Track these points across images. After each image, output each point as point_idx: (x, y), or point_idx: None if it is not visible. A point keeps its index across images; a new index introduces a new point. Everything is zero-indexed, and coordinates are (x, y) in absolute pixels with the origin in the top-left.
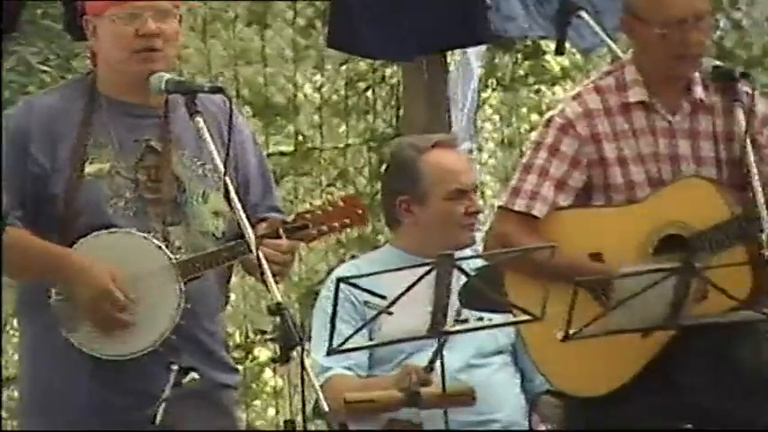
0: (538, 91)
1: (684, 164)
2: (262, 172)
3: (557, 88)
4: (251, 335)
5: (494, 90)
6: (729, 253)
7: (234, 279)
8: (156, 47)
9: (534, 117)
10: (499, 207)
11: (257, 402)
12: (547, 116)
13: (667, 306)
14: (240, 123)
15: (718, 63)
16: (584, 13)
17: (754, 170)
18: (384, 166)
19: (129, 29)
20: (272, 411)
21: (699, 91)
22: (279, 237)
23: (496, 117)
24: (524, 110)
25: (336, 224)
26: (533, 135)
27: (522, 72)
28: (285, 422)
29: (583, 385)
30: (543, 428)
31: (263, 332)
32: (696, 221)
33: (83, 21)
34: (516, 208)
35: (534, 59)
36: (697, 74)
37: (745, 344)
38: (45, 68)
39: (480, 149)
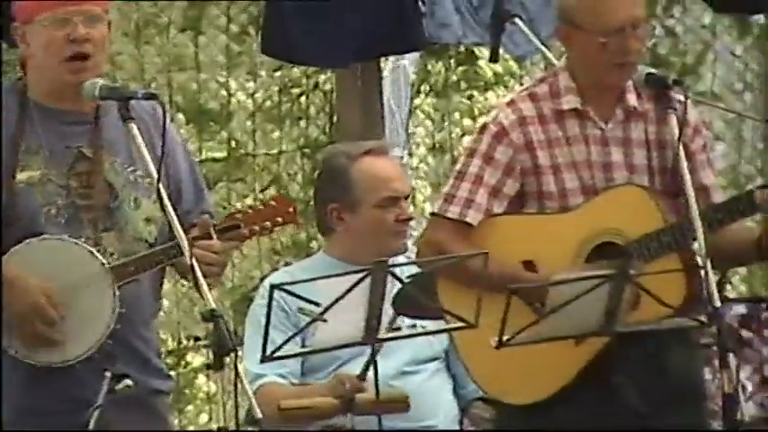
0: (470, 97)
1: (617, 171)
2: (193, 178)
3: (489, 94)
4: (184, 341)
5: (426, 95)
6: (663, 260)
7: (166, 285)
8: (87, 52)
9: (467, 122)
10: (432, 214)
11: (190, 408)
12: (481, 123)
13: (601, 313)
14: (170, 130)
15: (651, 70)
16: (518, 21)
17: (687, 177)
18: (317, 174)
19: (59, 34)
20: (204, 417)
21: (632, 98)
22: (211, 238)
23: (428, 122)
24: (457, 115)
25: (268, 223)
26: (467, 142)
27: (455, 78)
28: (218, 429)
29: (516, 392)
30: None
31: (197, 338)
32: (630, 229)
33: (12, 28)
34: (450, 215)
35: (467, 65)
36: (630, 81)
37: (678, 351)
38: None
39: (411, 155)
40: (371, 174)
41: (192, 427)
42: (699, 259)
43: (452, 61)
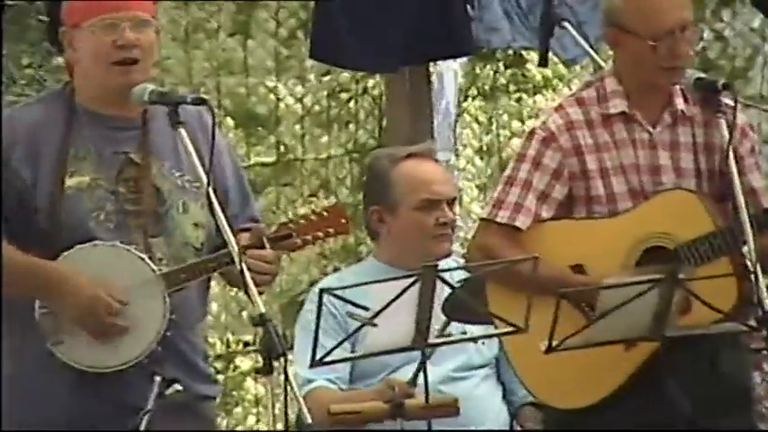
0: (519, 99)
1: (665, 175)
2: (240, 183)
3: (538, 97)
4: (233, 345)
5: (474, 98)
6: (714, 265)
7: (215, 289)
8: (135, 57)
9: (515, 125)
10: (482, 219)
11: (238, 410)
12: (529, 128)
13: (651, 317)
14: (216, 135)
15: (701, 74)
16: (567, 24)
17: (737, 181)
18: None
19: (107, 39)
20: (251, 419)
21: (679, 102)
22: (263, 247)
23: (476, 125)
24: (505, 117)
25: (320, 233)
26: (515, 146)
27: (503, 80)
28: None
29: (566, 397)
30: None
31: (246, 343)
32: (680, 233)
33: (60, 32)
34: (499, 220)
35: (516, 68)
36: (677, 85)
37: (728, 355)
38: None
39: (458, 156)
40: (412, 176)
41: (240, 428)
42: (749, 263)
43: (501, 64)
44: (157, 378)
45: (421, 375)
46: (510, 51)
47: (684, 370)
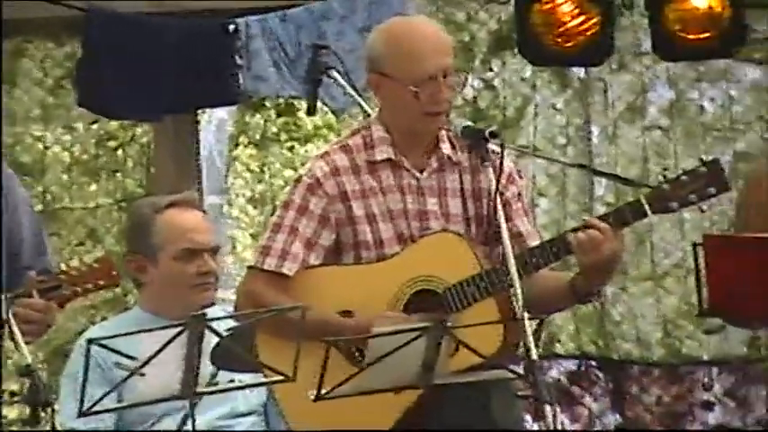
0: (291, 148)
1: (433, 220)
2: (36, 235)
3: (309, 146)
4: None
5: (246, 147)
6: (480, 306)
7: None
8: None
9: (288, 173)
10: (249, 267)
11: None
12: (296, 175)
13: (419, 364)
14: (13, 185)
15: (468, 123)
16: (335, 73)
17: (504, 226)
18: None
19: None
20: None
21: (446, 148)
22: (32, 296)
23: (248, 174)
24: (277, 165)
25: (90, 285)
26: (283, 194)
27: (274, 129)
28: None
29: None
30: None
31: (12, 393)
32: (446, 276)
33: None
34: (266, 267)
35: (288, 117)
36: (444, 132)
37: (498, 399)
38: None
39: (231, 205)
40: (171, 225)
41: None
42: (516, 308)
43: (272, 113)
44: None
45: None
46: (281, 100)
47: (454, 413)
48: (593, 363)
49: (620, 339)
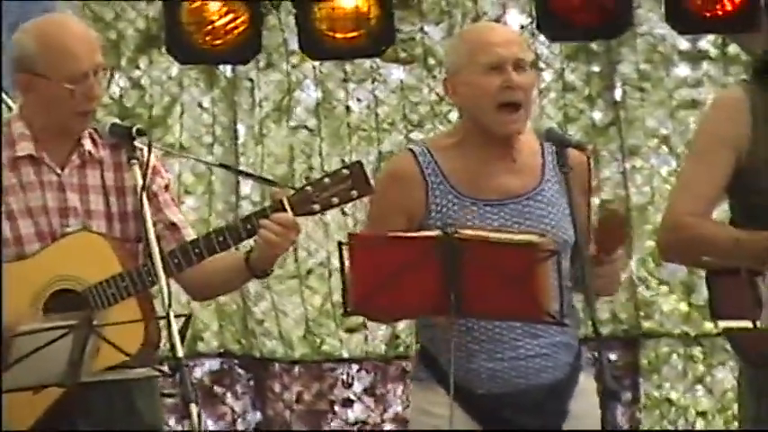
0: None
1: (73, 217)
2: None
3: None
4: None
5: None
6: (122, 306)
7: None
8: None
9: None
10: None
11: None
12: None
13: (66, 363)
14: None
15: (116, 120)
16: None
17: (150, 223)
18: None
19: None
20: None
21: (88, 144)
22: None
23: None
24: None
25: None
26: None
27: None
28: None
29: None
30: None
31: None
32: (88, 275)
33: None
34: None
35: None
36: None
37: (145, 398)
38: None
39: None
40: None
41: None
42: (155, 305)
43: None
44: None
45: None
46: None
47: (98, 412)
48: (236, 361)
49: (262, 337)
